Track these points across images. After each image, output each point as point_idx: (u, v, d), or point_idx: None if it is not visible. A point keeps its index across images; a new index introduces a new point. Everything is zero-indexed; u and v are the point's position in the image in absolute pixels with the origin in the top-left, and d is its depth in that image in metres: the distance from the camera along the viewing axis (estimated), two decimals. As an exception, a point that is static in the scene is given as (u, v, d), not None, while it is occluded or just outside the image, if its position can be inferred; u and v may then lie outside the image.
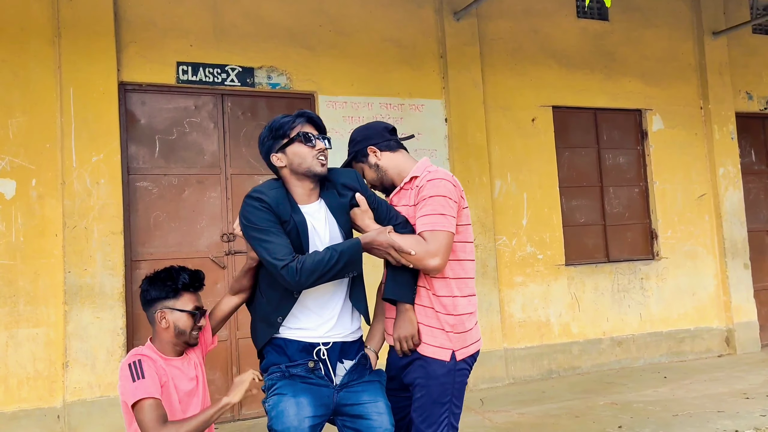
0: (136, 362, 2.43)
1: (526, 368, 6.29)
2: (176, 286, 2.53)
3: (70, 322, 4.72)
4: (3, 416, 4.56)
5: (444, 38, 6.24)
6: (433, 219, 2.46)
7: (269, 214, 2.35)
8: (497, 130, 6.44)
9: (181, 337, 2.55)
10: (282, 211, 2.38)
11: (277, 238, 2.33)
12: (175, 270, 2.57)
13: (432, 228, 2.45)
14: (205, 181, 5.44)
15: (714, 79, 7.43)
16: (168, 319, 2.53)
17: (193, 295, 2.58)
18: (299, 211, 2.43)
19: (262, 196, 2.38)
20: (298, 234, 2.39)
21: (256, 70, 5.58)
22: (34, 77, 4.86)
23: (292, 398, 2.33)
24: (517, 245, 6.43)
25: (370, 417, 2.42)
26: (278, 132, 2.46)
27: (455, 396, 2.54)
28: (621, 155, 7.17)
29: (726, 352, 7.19)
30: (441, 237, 2.45)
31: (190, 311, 2.54)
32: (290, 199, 2.45)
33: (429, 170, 2.59)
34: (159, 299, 2.54)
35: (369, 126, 2.78)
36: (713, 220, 7.35)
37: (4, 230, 4.69)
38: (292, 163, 2.45)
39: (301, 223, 2.41)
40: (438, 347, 2.51)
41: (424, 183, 2.52)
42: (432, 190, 2.49)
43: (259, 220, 2.34)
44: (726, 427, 4.40)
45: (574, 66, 6.88)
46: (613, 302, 6.76)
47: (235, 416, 5.27)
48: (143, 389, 2.36)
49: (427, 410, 2.50)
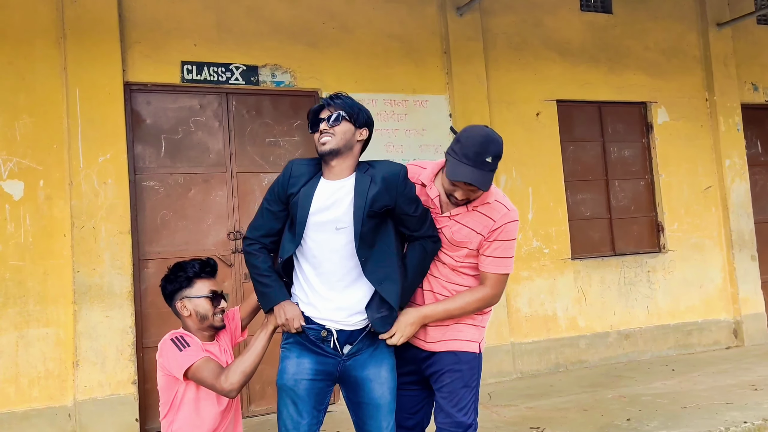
0: (180, 336, 2.58)
1: (534, 362, 6.30)
2: (188, 275, 2.65)
3: (79, 322, 4.76)
4: (15, 416, 4.60)
5: (447, 34, 6.24)
6: (507, 263, 2.64)
7: (276, 188, 2.58)
8: (502, 124, 6.43)
9: (205, 321, 2.65)
10: (294, 183, 2.54)
11: (259, 214, 2.62)
12: (186, 262, 2.70)
13: (506, 272, 2.65)
14: (211, 179, 5.46)
15: (719, 71, 7.40)
16: (188, 307, 2.64)
17: (207, 281, 2.68)
18: (315, 184, 2.54)
19: (288, 166, 2.60)
20: (297, 204, 2.52)
21: (260, 68, 5.59)
22: (40, 79, 4.89)
23: (295, 359, 2.52)
24: (523, 240, 6.43)
25: (371, 388, 2.53)
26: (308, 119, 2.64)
27: (479, 380, 2.70)
28: (626, 148, 7.15)
29: (734, 344, 7.18)
30: (507, 279, 2.69)
31: (206, 296, 2.64)
32: (318, 174, 2.57)
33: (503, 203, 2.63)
34: (176, 291, 2.66)
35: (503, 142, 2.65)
36: (720, 212, 7.33)
37: (13, 231, 4.73)
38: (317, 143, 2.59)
39: (305, 195, 2.51)
40: (469, 341, 2.67)
41: (504, 224, 2.59)
42: (513, 233, 2.61)
43: (270, 190, 2.62)
44: (734, 418, 4.40)
45: (578, 59, 6.87)
46: (620, 296, 6.76)
47: (245, 413, 5.30)
48: (193, 354, 2.51)
49: (458, 394, 2.63)
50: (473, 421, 2.65)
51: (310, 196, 2.51)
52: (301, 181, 2.54)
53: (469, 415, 2.63)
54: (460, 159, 2.48)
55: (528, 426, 4.56)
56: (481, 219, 2.59)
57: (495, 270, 2.61)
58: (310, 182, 2.54)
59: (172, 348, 2.54)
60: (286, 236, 2.57)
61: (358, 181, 2.52)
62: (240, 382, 2.47)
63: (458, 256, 2.64)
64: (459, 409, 2.61)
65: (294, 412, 2.49)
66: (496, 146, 2.51)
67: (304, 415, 2.49)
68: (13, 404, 4.62)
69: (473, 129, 2.58)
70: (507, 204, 2.62)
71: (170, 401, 2.56)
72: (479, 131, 2.55)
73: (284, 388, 2.51)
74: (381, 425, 2.54)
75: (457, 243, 2.62)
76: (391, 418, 2.57)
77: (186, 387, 2.54)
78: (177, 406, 2.55)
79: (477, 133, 2.54)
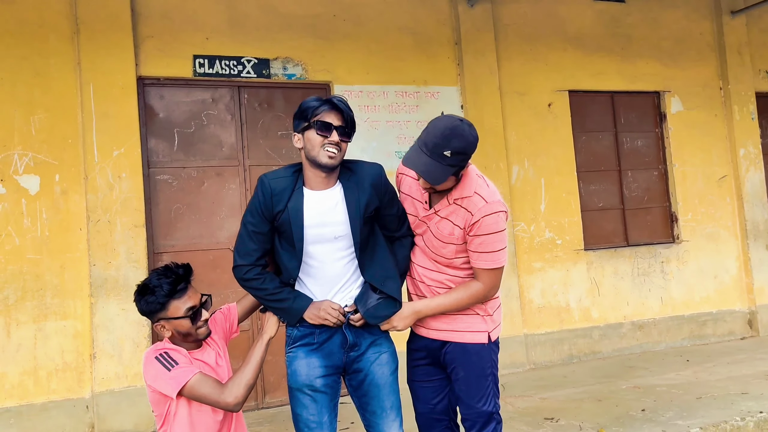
0: (164, 354, 2.42)
1: (547, 353, 6.29)
2: (159, 301, 2.43)
3: (96, 315, 4.81)
4: (33, 407, 4.66)
5: (458, 25, 6.22)
6: (494, 257, 2.55)
7: (259, 209, 2.48)
8: (514, 115, 6.42)
9: (189, 337, 2.50)
10: (278, 201, 2.47)
11: (247, 238, 2.52)
12: (154, 281, 2.45)
13: (493, 266, 2.56)
14: (224, 172, 5.49)
15: (733, 59, 7.33)
16: (167, 327, 2.48)
17: (181, 299, 2.45)
18: (300, 197, 2.48)
19: (264, 184, 2.50)
20: (290, 221, 2.47)
21: (272, 61, 5.60)
22: (54, 74, 4.93)
23: (305, 359, 2.54)
24: (536, 231, 6.42)
25: (371, 370, 2.58)
26: (303, 114, 2.50)
27: (494, 366, 2.70)
28: (639, 138, 7.11)
29: (749, 334, 7.14)
30: (500, 273, 2.60)
31: (183, 316, 2.45)
32: (298, 184, 2.50)
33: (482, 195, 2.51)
34: (150, 314, 2.48)
35: (477, 139, 2.47)
36: (734, 201, 7.27)
37: (29, 225, 4.78)
38: (305, 148, 2.50)
39: (295, 211, 2.46)
40: (476, 332, 2.66)
41: (482, 217, 2.49)
42: (493, 226, 2.50)
43: (249, 211, 2.52)
44: (750, 408, 4.39)
45: (591, 49, 6.83)
46: (633, 286, 6.73)
47: (259, 404, 5.34)
48: (184, 372, 2.37)
49: (473, 386, 2.65)
50: (494, 408, 2.67)
51: (300, 210, 2.47)
52: (285, 197, 2.47)
53: (489, 403, 2.65)
54: (420, 146, 2.43)
55: (542, 416, 4.56)
56: (461, 212, 2.54)
57: (482, 265, 2.55)
58: (294, 196, 2.48)
59: (159, 368, 2.38)
60: (283, 255, 2.53)
61: (346, 188, 2.53)
62: (243, 395, 2.39)
63: (449, 253, 2.60)
64: (478, 400, 2.64)
65: (315, 411, 2.52)
66: (461, 142, 2.38)
67: (324, 411, 2.53)
68: (32, 396, 4.68)
69: (442, 119, 2.46)
70: (486, 196, 2.51)
71: (164, 415, 2.44)
72: (446, 122, 2.42)
73: (301, 389, 2.53)
74: (384, 404, 2.58)
75: (442, 238, 2.58)
76: (394, 397, 2.61)
77: (178, 402, 2.42)
78: (171, 420, 2.44)
79: (443, 123, 2.42)
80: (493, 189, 2.58)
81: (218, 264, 5.28)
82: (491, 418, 2.65)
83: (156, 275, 2.47)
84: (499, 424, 2.69)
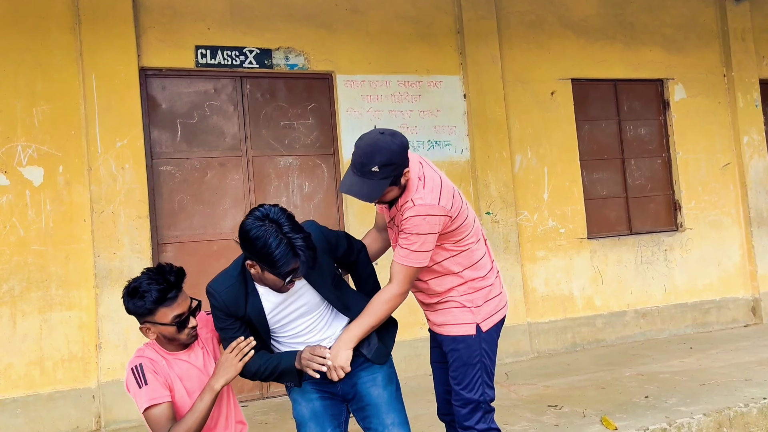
0: (138, 367, 2.40)
1: (550, 342, 6.31)
2: (147, 307, 2.37)
3: (101, 305, 4.83)
4: (40, 398, 4.69)
5: (460, 13, 6.20)
6: (405, 254, 2.53)
7: (220, 312, 2.46)
8: (516, 104, 6.40)
9: (174, 341, 2.46)
10: (236, 309, 2.45)
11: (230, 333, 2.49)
12: (144, 284, 2.38)
13: (402, 262, 2.54)
14: (227, 163, 5.49)
15: (737, 46, 7.29)
16: (152, 330, 2.44)
17: (170, 307, 2.39)
18: (256, 298, 2.46)
19: (213, 298, 2.46)
20: (253, 322, 2.47)
21: (274, 51, 5.59)
22: (56, 65, 4.93)
23: (302, 392, 2.60)
24: (539, 220, 6.41)
25: (367, 391, 2.60)
26: (265, 260, 2.32)
27: (485, 355, 2.69)
28: (642, 126, 7.09)
29: (752, 321, 7.14)
30: (410, 272, 2.55)
31: (169, 323, 2.40)
32: (249, 287, 2.46)
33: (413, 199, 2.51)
34: (136, 315, 2.43)
35: (403, 145, 2.49)
36: (738, 189, 7.26)
37: (34, 217, 4.80)
38: (259, 275, 2.41)
39: (256, 311, 2.46)
40: (462, 323, 2.68)
41: (408, 217, 2.49)
42: (414, 227, 2.49)
43: (215, 318, 2.51)
44: (753, 395, 4.39)
45: (593, 37, 6.80)
46: (636, 274, 6.73)
47: (264, 394, 5.37)
48: (148, 396, 2.36)
49: (459, 373, 2.68)
50: (481, 397, 2.68)
51: (261, 310, 2.47)
52: (240, 302, 2.45)
53: (475, 391, 2.67)
54: (351, 168, 2.49)
55: (546, 404, 4.58)
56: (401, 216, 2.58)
57: (398, 259, 2.55)
58: (250, 299, 2.45)
59: (132, 380, 2.38)
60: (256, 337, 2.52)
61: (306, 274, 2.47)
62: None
63: None
64: (463, 387, 2.68)
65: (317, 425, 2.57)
66: (384, 155, 2.40)
67: (327, 426, 2.58)
68: (39, 387, 4.71)
69: (364, 137, 2.51)
70: (416, 200, 2.50)
71: None
72: (367, 140, 2.47)
73: (302, 414, 2.59)
74: (384, 421, 2.58)
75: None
76: (395, 414, 2.59)
77: None
78: None
79: (364, 141, 2.47)
80: (432, 191, 2.52)
81: (222, 254, 5.30)
82: (478, 406, 2.68)
83: (147, 279, 2.39)
84: (488, 413, 2.71)
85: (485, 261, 2.75)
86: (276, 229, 2.27)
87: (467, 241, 2.66)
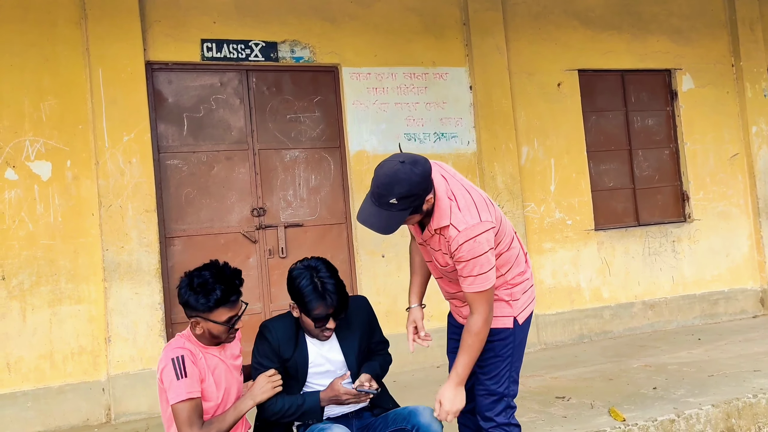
0: (180, 358, 2.48)
1: (558, 333, 6.31)
2: (209, 305, 2.49)
3: (110, 299, 4.86)
4: (50, 391, 4.73)
5: (466, 4, 6.17)
6: (477, 281, 2.47)
7: (270, 351, 2.71)
8: (523, 95, 6.37)
9: (216, 339, 2.60)
10: (284, 350, 2.72)
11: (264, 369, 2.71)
12: (211, 283, 2.49)
13: (478, 289, 2.49)
14: (234, 156, 5.50)
15: (745, 35, 7.23)
16: (202, 326, 2.55)
17: (229, 308, 2.53)
18: (304, 346, 2.75)
19: (268, 331, 2.75)
20: (297, 368, 2.73)
21: (279, 44, 5.58)
22: (63, 59, 4.94)
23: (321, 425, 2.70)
24: (546, 211, 6.40)
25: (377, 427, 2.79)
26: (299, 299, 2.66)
27: (516, 351, 2.70)
28: (650, 117, 7.05)
29: (761, 312, 7.12)
30: (490, 293, 2.51)
31: (223, 323, 2.54)
32: (300, 334, 2.76)
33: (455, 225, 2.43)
34: (193, 309, 2.52)
35: (425, 174, 2.38)
36: (746, 179, 7.22)
37: (42, 211, 4.82)
38: (301, 319, 2.73)
39: (302, 359, 2.73)
40: (501, 317, 2.67)
41: (458, 246, 2.42)
42: (470, 253, 2.42)
43: (259, 354, 2.74)
44: (762, 385, 4.38)
45: (600, 27, 6.75)
46: (644, 266, 6.71)
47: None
48: (186, 389, 2.45)
49: (489, 363, 2.67)
50: (506, 390, 2.67)
51: (305, 357, 2.74)
52: (291, 345, 2.72)
53: (501, 384, 2.66)
54: (369, 197, 2.41)
55: (554, 395, 4.58)
56: (443, 240, 2.51)
57: (469, 289, 2.49)
58: (299, 346, 2.74)
59: (171, 372, 2.46)
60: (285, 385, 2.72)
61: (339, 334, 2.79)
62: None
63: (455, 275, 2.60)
64: (489, 378, 2.67)
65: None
66: (403, 186, 2.30)
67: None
68: (49, 380, 4.75)
69: (383, 166, 2.38)
70: (458, 223, 2.42)
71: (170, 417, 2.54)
72: (386, 170, 2.35)
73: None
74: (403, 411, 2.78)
75: (443, 264, 2.60)
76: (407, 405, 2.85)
77: None
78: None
79: (383, 171, 2.35)
80: (469, 209, 2.45)
81: (229, 248, 5.31)
82: (501, 399, 2.67)
83: (212, 276, 2.50)
84: (510, 408, 2.69)
85: (521, 256, 2.75)
86: (312, 273, 2.64)
87: (505, 242, 2.63)
